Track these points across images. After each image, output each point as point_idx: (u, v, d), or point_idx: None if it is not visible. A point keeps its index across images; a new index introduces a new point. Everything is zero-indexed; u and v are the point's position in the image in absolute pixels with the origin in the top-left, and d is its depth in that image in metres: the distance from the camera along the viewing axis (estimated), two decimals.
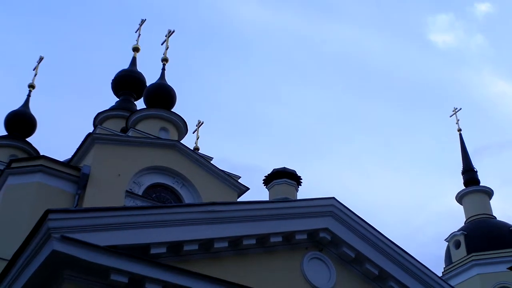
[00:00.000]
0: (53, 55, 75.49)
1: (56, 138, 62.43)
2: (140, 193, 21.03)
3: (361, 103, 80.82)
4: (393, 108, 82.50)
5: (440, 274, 19.71)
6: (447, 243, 32.40)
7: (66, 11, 78.93)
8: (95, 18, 78.10)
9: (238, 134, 77.08)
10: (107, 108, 28.81)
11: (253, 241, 13.11)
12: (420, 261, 15.20)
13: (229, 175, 23.23)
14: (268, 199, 17.87)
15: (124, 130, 25.31)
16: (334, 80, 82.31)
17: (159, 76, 27.59)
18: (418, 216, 75.49)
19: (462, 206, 33.92)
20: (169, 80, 27.40)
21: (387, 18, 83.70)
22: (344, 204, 14.80)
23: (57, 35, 77.63)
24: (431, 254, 58.10)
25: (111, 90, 30.62)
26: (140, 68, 31.24)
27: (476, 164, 35.73)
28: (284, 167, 18.51)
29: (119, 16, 79.66)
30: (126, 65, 31.24)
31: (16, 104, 29.46)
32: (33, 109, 29.29)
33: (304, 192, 21.92)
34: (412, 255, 15.13)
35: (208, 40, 78.31)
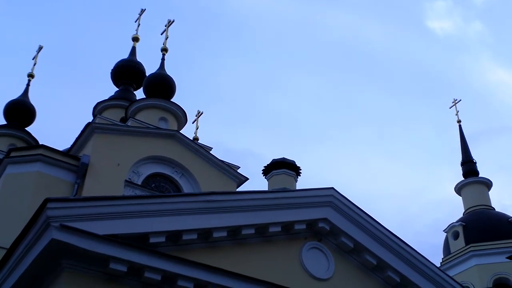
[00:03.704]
0: (53, 45, 75.58)
1: (56, 128, 62.54)
2: (139, 183, 21.05)
3: (360, 91, 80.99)
4: (391, 96, 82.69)
5: (436, 263, 19.74)
6: (446, 233, 32.48)
7: (65, 1, 78.74)
8: (94, 8, 77.94)
9: (238, 123, 77.23)
10: (106, 97, 28.83)
11: (252, 231, 13.13)
12: (419, 251, 15.23)
13: (228, 165, 23.25)
14: (267, 189, 17.86)
15: (124, 119, 25.30)
16: (333, 68, 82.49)
17: (158, 66, 27.60)
18: (415, 204, 75.83)
19: (460, 197, 33.98)
20: (169, 70, 27.43)
21: (385, 4, 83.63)
22: (343, 194, 14.81)
23: (56, 25, 77.58)
24: (427, 243, 58.34)
25: (111, 80, 30.64)
26: (139, 58, 31.27)
27: (473, 150, 35.91)
28: (283, 158, 18.47)
29: (118, 5, 79.50)
30: (125, 55, 31.26)
31: (15, 94, 29.42)
32: (32, 98, 29.36)
33: (302, 181, 21.94)
34: (410, 245, 15.17)
35: (208, 30, 78.28)
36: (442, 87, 75.87)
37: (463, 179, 34.16)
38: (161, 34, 29.24)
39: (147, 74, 28.52)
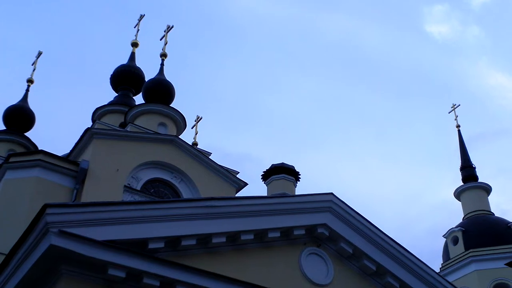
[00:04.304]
0: (52, 50, 75.53)
1: (55, 133, 62.55)
2: (138, 188, 21.02)
3: (359, 95, 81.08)
4: (390, 100, 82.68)
5: (435, 268, 19.73)
6: (445, 239, 32.44)
7: (65, 6, 78.86)
8: (94, 13, 78.07)
9: (237, 127, 77.28)
10: (105, 103, 28.83)
11: (251, 236, 13.11)
12: (418, 257, 15.21)
13: (227, 170, 23.23)
14: (266, 195, 17.85)
15: (123, 125, 25.29)
16: (332, 72, 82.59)
17: (157, 71, 27.58)
18: (414, 208, 75.84)
19: (458, 201, 33.98)
20: (168, 76, 27.42)
21: (383, 8, 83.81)
22: (342, 199, 14.80)
23: (56, 30, 77.65)
24: (426, 247, 58.38)
25: (110, 85, 30.65)
26: (139, 63, 31.28)
27: (472, 153, 36.00)
28: (283, 163, 18.48)
29: (118, 11, 79.63)
30: (125, 60, 31.27)
31: (15, 99, 29.44)
32: (32, 103, 29.38)
33: (302, 186, 21.93)
34: (409, 250, 15.15)
35: (207, 35, 78.35)
36: (441, 90, 76.13)
37: (462, 184, 34.14)
38: (160, 39, 29.28)
39: (146, 80, 28.53)
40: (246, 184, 23.27)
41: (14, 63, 72.48)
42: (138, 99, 29.22)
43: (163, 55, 28.33)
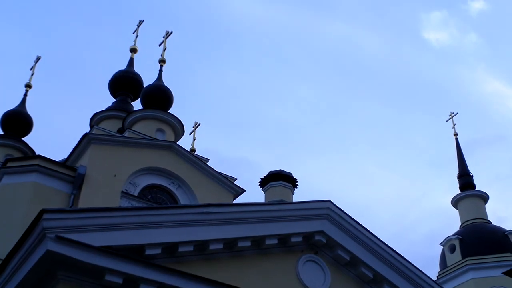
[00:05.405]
0: (51, 55, 75.61)
1: (52, 138, 62.41)
2: (135, 194, 20.99)
3: (357, 101, 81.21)
4: (387, 107, 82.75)
5: (432, 275, 19.71)
6: (442, 247, 32.45)
7: (64, 11, 78.98)
8: (93, 18, 78.18)
9: (235, 134, 77.32)
10: (103, 108, 28.81)
11: (248, 243, 13.11)
12: (415, 265, 15.20)
13: (225, 176, 23.23)
14: (264, 201, 17.84)
15: (121, 130, 25.27)
16: (330, 78, 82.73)
17: (156, 77, 27.59)
18: (411, 215, 75.85)
19: (456, 209, 34.00)
20: (166, 81, 27.43)
21: (381, 15, 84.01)
22: (340, 206, 14.81)
23: (54, 35, 77.66)
24: (422, 254, 58.33)
25: (108, 91, 30.64)
26: (137, 69, 31.28)
27: (469, 160, 36.12)
28: (280, 170, 18.46)
29: (117, 17, 79.75)
30: (123, 66, 31.26)
31: (13, 104, 29.40)
32: (30, 108, 29.33)
33: (299, 192, 21.90)
34: (406, 257, 15.15)
35: (206, 42, 78.44)
36: (439, 97, 76.36)
37: (460, 192, 34.17)
38: (159, 45, 29.28)
39: (144, 85, 28.52)
40: (243, 190, 23.27)
41: (12, 67, 72.50)
42: (137, 105, 29.23)
43: (162, 61, 28.35)
